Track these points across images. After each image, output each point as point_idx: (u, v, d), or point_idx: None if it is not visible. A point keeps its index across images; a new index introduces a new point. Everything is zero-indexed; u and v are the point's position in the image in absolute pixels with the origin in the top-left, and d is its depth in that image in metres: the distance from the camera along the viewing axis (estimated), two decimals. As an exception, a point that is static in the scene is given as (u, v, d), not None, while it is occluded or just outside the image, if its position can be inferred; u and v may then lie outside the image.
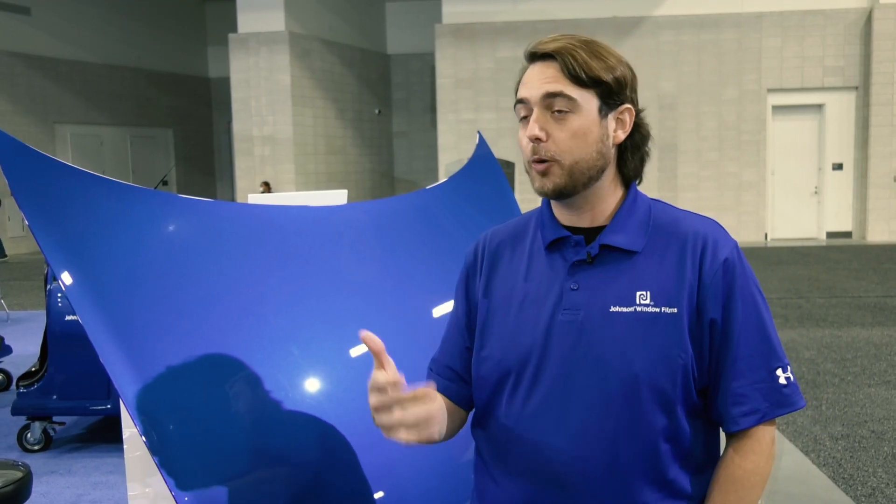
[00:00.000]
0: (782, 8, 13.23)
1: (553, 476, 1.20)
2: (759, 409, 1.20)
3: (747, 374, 1.20)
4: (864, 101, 13.21)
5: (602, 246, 1.23)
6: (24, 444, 4.37)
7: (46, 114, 15.76)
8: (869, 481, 3.65)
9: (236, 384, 1.55)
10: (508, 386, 1.26)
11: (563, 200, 1.25)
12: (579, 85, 1.19)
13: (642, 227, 1.24)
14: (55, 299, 4.30)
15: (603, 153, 1.22)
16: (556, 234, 1.26)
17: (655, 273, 1.21)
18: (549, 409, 1.21)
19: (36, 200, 1.48)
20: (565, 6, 13.43)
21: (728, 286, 1.20)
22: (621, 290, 1.20)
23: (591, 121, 1.20)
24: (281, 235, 1.81)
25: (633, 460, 1.19)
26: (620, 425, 1.18)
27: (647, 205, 1.28)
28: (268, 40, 13.96)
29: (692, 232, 1.23)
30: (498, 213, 2.10)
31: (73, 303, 1.42)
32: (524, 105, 1.23)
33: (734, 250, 1.22)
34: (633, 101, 1.24)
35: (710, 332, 1.20)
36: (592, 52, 1.20)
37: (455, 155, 13.25)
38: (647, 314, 1.19)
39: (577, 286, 1.22)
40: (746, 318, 1.20)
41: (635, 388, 1.18)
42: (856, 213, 13.55)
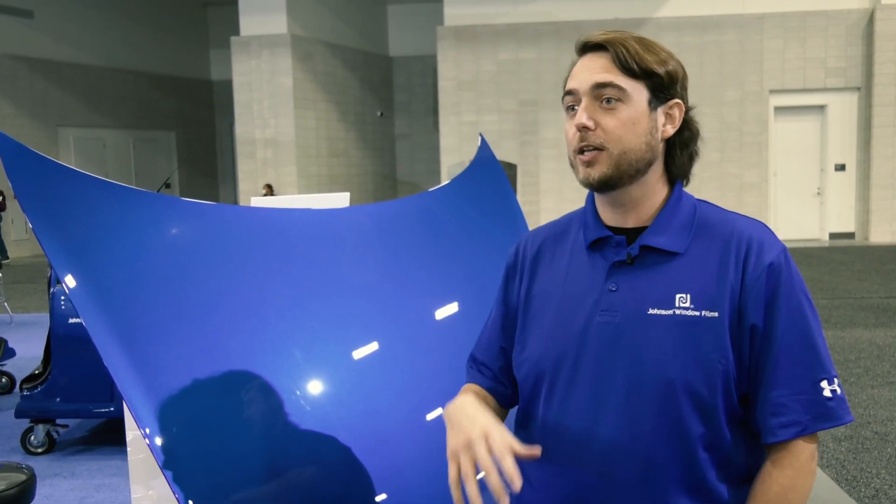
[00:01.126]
0: (784, 9, 13.22)
1: (586, 487, 1.18)
2: (799, 421, 1.15)
3: (789, 383, 1.15)
4: (867, 101, 13.19)
5: (642, 247, 1.20)
6: (28, 446, 4.37)
7: (49, 117, 15.79)
8: (872, 483, 3.64)
9: (239, 387, 1.55)
10: (545, 388, 1.24)
11: (608, 194, 1.21)
12: (630, 76, 1.17)
13: (685, 227, 1.21)
14: (58, 302, 4.30)
15: (651, 146, 1.19)
16: (598, 234, 1.24)
17: (697, 275, 1.17)
18: (583, 413, 1.19)
19: (40, 204, 1.49)
20: (567, 8, 13.44)
21: (772, 291, 1.15)
22: (660, 292, 1.17)
23: (641, 112, 1.18)
24: (283, 238, 1.81)
25: (669, 466, 1.16)
26: (657, 431, 1.15)
27: (692, 205, 1.24)
28: (270, 43, 13.98)
29: (737, 233, 1.19)
30: (500, 215, 2.10)
31: (76, 306, 1.43)
32: (572, 96, 1.20)
33: (781, 254, 1.18)
34: (682, 98, 1.22)
35: (751, 337, 1.16)
36: (644, 45, 1.19)
37: (457, 157, 13.25)
38: (686, 318, 1.15)
39: (616, 287, 1.20)
40: (791, 325, 1.15)
41: (671, 394, 1.14)
42: (858, 215, 13.53)
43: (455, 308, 1.89)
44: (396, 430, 1.66)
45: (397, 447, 1.64)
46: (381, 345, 1.75)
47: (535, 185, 13.60)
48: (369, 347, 1.75)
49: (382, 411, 1.68)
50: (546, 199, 13.58)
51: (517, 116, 13.67)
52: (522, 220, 2.09)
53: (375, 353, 1.74)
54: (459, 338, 1.84)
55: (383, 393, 1.70)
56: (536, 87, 13.55)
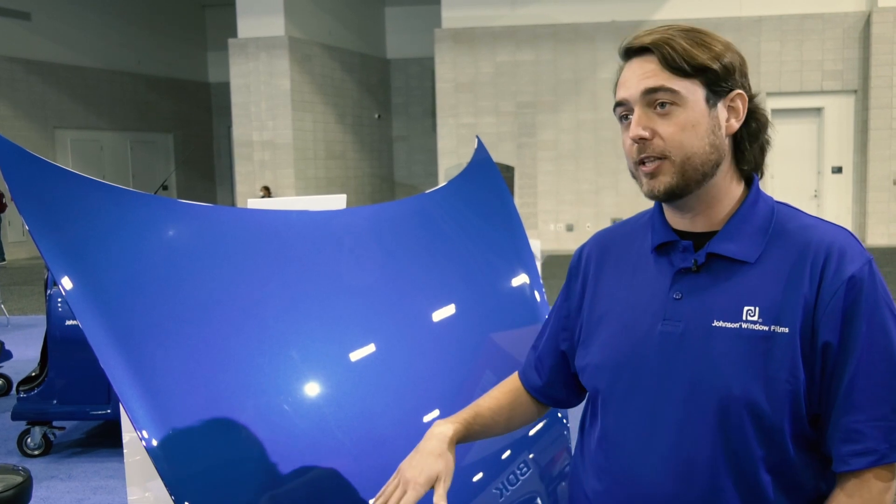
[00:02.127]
0: (781, 12, 13.26)
1: (642, 497, 1.13)
2: (875, 449, 1.05)
3: (867, 408, 1.05)
4: (863, 104, 13.23)
5: (710, 254, 1.12)
6: (25, 448, 4.37)
7: (46, 119, 15.77)
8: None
9: (236, 388, 1.55)
10: (603, 397, 1.20)
11: (676, 202, 1.14)
12: (681, 75, 1.09)
13: (759, 233, 1.12)
14: (55, 304, 4.30)
15: (716, 146, 1.11)
16: (664, 238, 1.17)
17: (767, 287, 1.08)
18: (640, 426, 1.14)
19: (36, 206, 1.49)
20: (565, 10, 13.46)
21: (850, 306, 1.05)
22: (727, 303, 1.09)
23: (700, 112, 1.09)
24: (280, 240, 1.81)
25: (728, 486, 1.08)
26: (715, 448, 1.08)
27: (769, 207, 1.15)
28: (268, 45, 13.98)
29: (816, 241, 1.09)
30: (496, 216, 2.10)
31: (73, 308, 1.43)
32: (623, 106, 1.13)
33: (865, 266, 1.08)
34: (744, 87, 1.13)
35: (823, 356, 1.06)
36: (693, 40, 1.10)
37: (455, 159, 13.26)
38: (753, 332, 1.07)
39: (681, 295, 1.13)
40: (872, 344, 1.05)
41: (731, 412, 1.07)
42: (855, 217, 13.56)
43: (452, 310, 1.89)
44: (393, 432, 1.66)
45: (394, 449, 1.64)
46: (378, 346, 1.76)
47: (532, 187, 13.60)
48: (366, 349, 1.75)
49: (379, 413, 1.68)
50: (544, 201, 13.59)
51: (515, 118, 13.68)
52: (519, 222, 2.09)
53: (372, 354, 1.74)
54: (456, 339, 1.85)
55: (380, 394, 1.70)
56: (534, 90, 13.56)
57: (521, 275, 2.00)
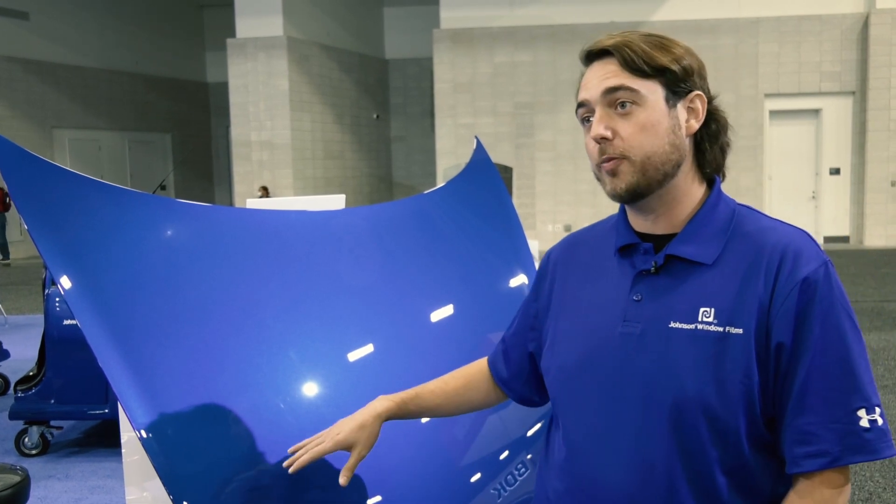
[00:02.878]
0: (779, 13, 13.28)
1: (602, 500, 1.14)
2: (828, 451, 1.04)
3: (819, 410, 1.04)
4: (861, 105, 13.25)
5: (669, 256, 1.13)
6: (22, 448, 4.36)
7: (45, 118, 15.76)
8: (866, 486, 3.65)
9: (235, 388, 1.55)
10: (565, 397, 1.21)
11: (638, 203, 1.15)
12: (641, 76, 1.10)
13: (718, 235, 1.13)
14: (53, 304, 4.30)
15: (677, 146, 1.12)
16: (626, 241, 1.18)
17: (723, 288, 1.09)
18: (599, 427, 1.15)
19: (35, 205, 1.49)
20: (563, 11, 13.47)
21: (803, 308, 1.05)
22: (684, 304, 1.10)
23: (659, 112, 1.11)
24: (279, 240, 1.81)
25: (684, 487, 1.09)
26: (672, 452, 1.09)
27: (730, 210, 1.16)
28: (266, 45, 13.97)
29: (772, 244, 1.10)
30: (495, 217, 2.10)
31: (71, 307, 1.43)
32: (585, 107, 1.15)
33: (820, 268, 1.07)
34: (703, 89, 1.15)
35: (777, 357, 1.06)
36: (652, 42, 1.12)
37: (453, 159, 13.26)
38: (708, 333, 1.08)
39: (641, 297, 1.14)
40: (825, 346, 1.05)
41: (685, 413, 1.07)
42: (853, 218, 13.57)
43: (450, 310, 1.89)
44: (391, 432, 1.66)
45: (392, 449, 1.64)
46: (376, 346, 1.76)
47: (530, 187, 13.61)
48: (365, 349, 1.75)
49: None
50: (541, 201, 13.60)
51: (513, 119, 13.69)
52: (518, 222, 2.09)
53: (371, 354, 1.74)
54: (454, 339, 1.85)
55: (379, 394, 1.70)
56: (532, 90, 13.57)
57: (519, 275, 2.00)
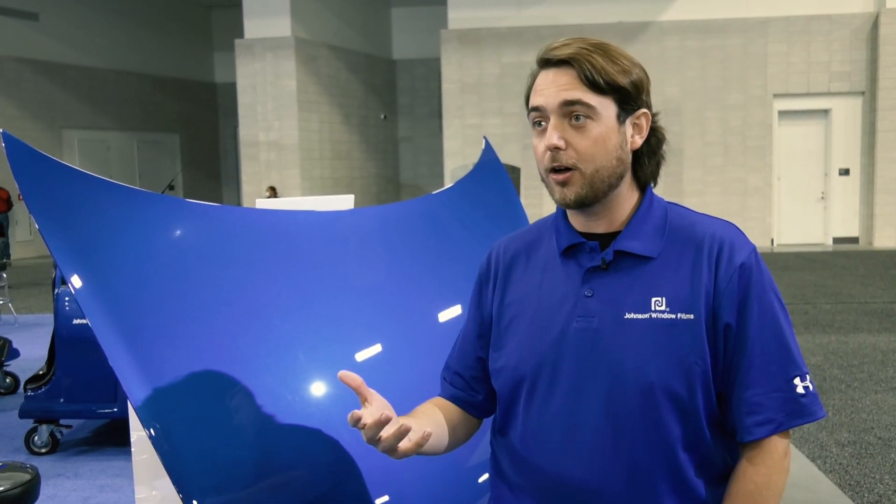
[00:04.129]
0: (788, 13, 13.22)
1: (570, 492, 1.19)
2: (773, 419, 1.16)
3: (762, 382, 1.16)
4: (871, 105, 13.18)
5: (617, 252, 1.20)
6: (32, 446, 4.38)
7: (54, 119, 15.83)
8: (875, 488, 3.63)
9: (243, 388, 1.55)
10: (523, 396, 1.24)
11: (582, 209, 1.22)
12: (597, 92, 1.16)
13: (658, 231, 1.22)
14: (63, 303, 4.32)
15: (622, 160, 1.19)
16: (571, 241, 1.24)
17: (671, 279, 1.18)
18: (563, 419, 1.20)
19: (46, 204, 1.49)
20: (570, 12, 13.45)
21: (743, 291, 1.17)
22: (636, 296, 1.18)
23: (610, 128, 1.17)
24: (287, 240, 1.82)
25: (653, 469, 1.17)
26: (636, 435, 1.16)
27: (663, 209, 1.25)
28: (274, 46, 14.00)
29: (709, 235, 1.20)
30: (504, 218, 2.10)
31: (82, 306, 1.43)
32: (539, 113, 1.19)
33: (752, 254, 1.19)
34: (648, 106, 1.22)
35: (725, 337, 1.17)
36: (608, 57, 1.17)
37: (460, 160, 13.26)
38: (662, 321, 1.16)
39: (592, 293, 1.20)
40: (763, 324, 1.17)
41: (651, 397, 1.15)
42: (862, 219, 13.51)
43: (458, 311, 1.89)
44: (399, 432, 1.66)
45: (400, 449, 1.64)
46: (384, 347, 1.76)
47: (538, 188, 13.59)
48: (372, 349, 1.75)
49: (385, 413, 1.68)
50: (549, 202, 13.55)
51: (520, 119, 13.67)
52: (526, 221, 2.09)
53: (378, 354, 1.74)
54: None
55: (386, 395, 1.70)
56: (540, 91, 13.54)
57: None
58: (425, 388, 1.74)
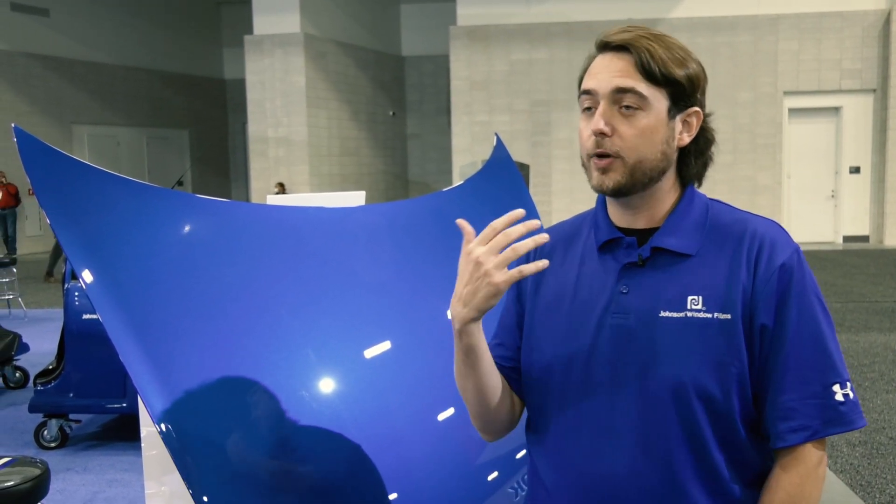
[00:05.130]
0: (799, 10, 13.14)
1: (607, 489, 1.17)
2: (809, 426, 1.13)
3: (799, 387, 1.13)
4: (882, 103, 13.10)
5: (654, 248, 1.18)
6: (41, 441, 4.41)
7: (63, 114, 15.90)
8: (887, 489, 3.61)
9: (252, 385, 1.55)
10: (556, 391, 1.23)
11: (620, 199, 1.20)
12: (652, 82, 1.13)
13: (697, 228, 1.19)
14: (73, 298, 4.33)
15: (667, 155, 1.17)
16: (609, 235, 1.22)
17: (708, 277, 1.15)
18: (598, 417, 1.18)
19: (57, 199, 1.49)
20: (579, 8, 13.41)
21: (782, 292, 1.14)
22: (672, 294, 1.16)
23: (660, 121, 1.14)
24: (297, 236, 1.81)
25: (687, 468, 1.14)
26: (671, 435, 1.14)
27: (704, 205, 1.22)
28: (283, 42, 14.02)
29: (749, 233, 1.17)
30: (514, 215, 2.09)
31: (92, 300, 1.43)
32: (590, 96, 1.16)
33: (794, 255, 1.16)
34: (701, 104, 1.19)
35: (761, 338, 1.14)
36: (667, 47, 1.14)
37: (469, 157, 13.24)
38: (698, 320, 1.14)
39: (628, 289, 1.18)
40: (801, 327, 1.13)
41: (683, 397, 1.13)
42: (873, 218, 13.43)
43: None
44: (408, 430, 1.66)
45: (409, 446, 1.64)
46: (393, 344, 1.75)
47: (546, 185, 13.58)
48: (382, 346, 1.75)
49: (394, 410, 1.68)
50: (558, 199, 13.56)
51: (529, 117, 13.65)
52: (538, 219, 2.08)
53: (388, 351, 1.74)
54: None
55: (395, 392, 1.70)
56: (548, 88, 13.53)
57: (537, 273, 1.99)
58: (434, 385, 1.73)
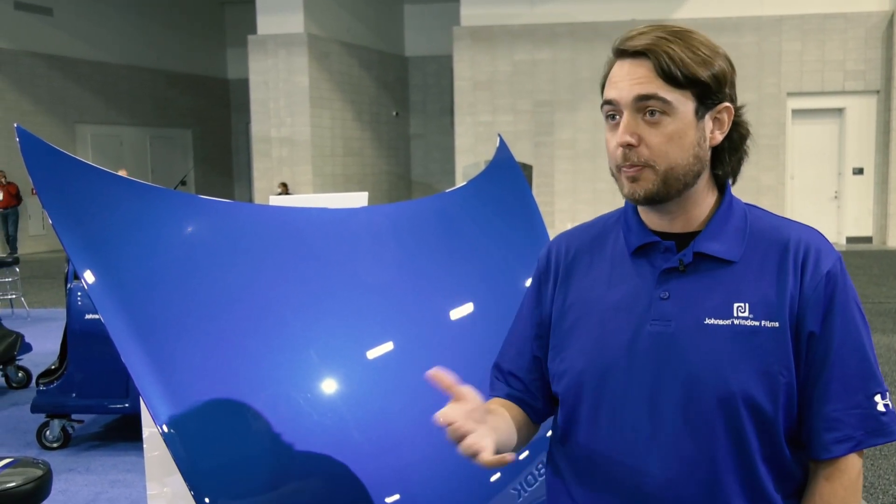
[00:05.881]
0: (802, 11, 13.12)
1: (643, 501, 1.13)
2: (853, 436, 1.11)
3: (843, 397, 1.11)
4: (886, 105, 13.07)
5: (696, 254, 1.14)
6: (43, 441, 4.41)
7: (67, 114, 15.92)
8: (890, 490, 3.60)
9: (255, 385, 1.55)
10: (589, 402, 1.18)
11: (654, 206, 1.15)
12: (675, 86, 1.09)
13: (739, 234, 1.15)
14: (75, 298, 4.33)
15: (700, 157, 1.12)
16: (644, 240, 1.17)
17: (754, 284, 1.12)
18: (639, 427, 1.14)
19: (59, 199, 1.49)
20: (583, 9, 13.40)
21: (829, 300, 1.11)
22: (717, 301, 1.11)
23: (687, 123, 1.10)
24: (300, 237, 1.81)
25: (733, 483, 1.11)
26: (716, 447, 1.11)
27: (742, 210, 1.18)
28: (287, 42, 14.02)
29: (794, 240, 1.14)
30: (518, 217, 2.09)
31: (94, 301, 1.43)
32: (612, 106, 1.12)
33: (838, 262, 1.13)
34: (731, 99, 1.14)
35: (808, 347, 1.11)
36: (688, 46, 1.09)
37: (472, 157, 13.24)
38: (745, 328, 1.10)
39: (668, 295, 1.13)
40: (845, 336, 1.11)
41: (732, 408, 1.09)
42: (876, 219, 13.40)
43: (471, 309, 1.88)
44: (411, 431, 1.65)
45: (411, 448, 1.64)
46: (396, 345, 1.75)
47: (549, 185, 13.57)
48: (384, 347, 1.74)
49: (397, 412, 1.67)
50: (561, 200, 13.55)
51: (532, 117, 13.64)
52: (541, 222, 2.08)
53: (390, 353, 1.74)
54: (474, 339, 1.84)
55: (398, 393, 1.70)
56: (552, 88, 13.52)
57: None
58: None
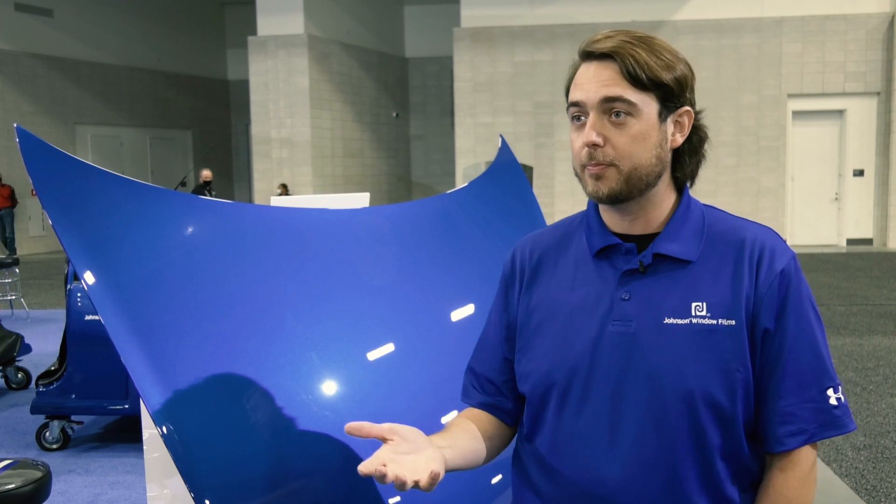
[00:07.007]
0: (803, 13, 13.13)
1: (605, 498, 1.16)
2: (806, 429, 1.14)
3: (796, 392, 1.14)
4: (886, 106, 13.08)
5: (655, 255, 1.17)
6: (43, 442, 4.40)
7: (67, 115, 15.92)
8: (893, 492, 3.59)
9: (256, 387, 1.54)
10: (555, 401, 1.21)
11: (616, 206, 1.19)
12: (639, 88, 1.12)
13: (697, 234, 1.19)
14: (75, 299, 4.33)
15: (661, 158, 1.16)
16: (606, 242, 1.20)
17: (711, 283, 1.15)
18: (600, 425, 1.17)
19: (59, 199, 1.48)
20: (583, 10, 13.41)
21: (782, 298, 1.14)
22: (676, 301, 1.15)
23: (651, 125, 1.14)
24: (300, 238, 1.80)
25: (692, 479, 1.14)
26: (677, 443, 1.14)
27: (700, 211, 1.22)
28: (287, 43, 14.03)
29: (749, 240, 1.17)
30: (519, 218, 2.08)
31: (94, 302, 1.42)
32: (578, 107, 1.16)
33: (792, 261, 1.17)
34: (692, 103, 1.18)
35: (762, 344, 1.15)
36: (652, 51, 1.13)
37: (472, 158, 13.25)
38: (703, 326, 1.13)
39: (629, 296, 1.17)
40: (799, 332, 1.15)
41: (691, 405, 1.13)
42: (876, 220, 13.40)
43: (471, 310, 1.88)
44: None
45: (413, 450, 1.62)
46: (397, 346, 1.74)
47: (549, 187, 13.57)
48: (385, 348, 1.73)
49: (398, 413, 1.66)
50: (561, 201, 13.55)
51: (533, 118, 13.64)
52: (543, 224, 2.07)
53: (391, 354, 1.73)
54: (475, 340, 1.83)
55: (399, 395, 1.69)
56: (552, 89, 13.52)
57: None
58: (438, 388, 1.72)
